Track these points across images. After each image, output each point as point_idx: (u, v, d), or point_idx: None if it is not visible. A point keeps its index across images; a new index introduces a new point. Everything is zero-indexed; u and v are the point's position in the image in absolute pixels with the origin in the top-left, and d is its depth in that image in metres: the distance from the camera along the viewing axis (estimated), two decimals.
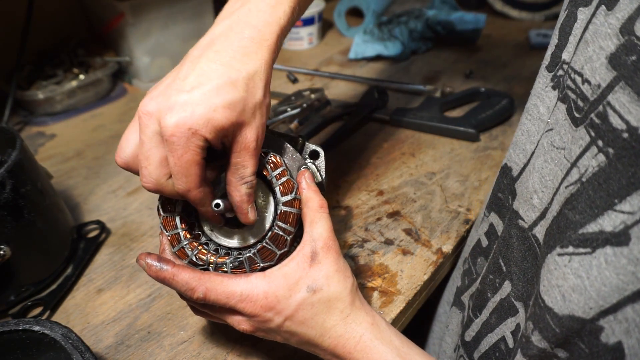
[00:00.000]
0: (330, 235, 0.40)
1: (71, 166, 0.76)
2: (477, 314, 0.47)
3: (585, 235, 0.30)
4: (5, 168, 0.49)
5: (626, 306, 0.28)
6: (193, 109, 0.34)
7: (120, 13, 0.89)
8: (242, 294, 0.37)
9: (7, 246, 0.49)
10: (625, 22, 0.29)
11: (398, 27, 1.05)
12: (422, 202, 0.64)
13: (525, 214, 0.40)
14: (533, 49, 1.03)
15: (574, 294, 0.31)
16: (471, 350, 0.47)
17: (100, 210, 0.66)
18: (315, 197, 0.40)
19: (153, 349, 0.48)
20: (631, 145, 0.27)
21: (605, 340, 0.29)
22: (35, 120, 0.87)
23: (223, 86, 0.35)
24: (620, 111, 0.28)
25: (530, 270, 0.39)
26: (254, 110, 0.37)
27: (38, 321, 0.42)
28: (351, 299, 0.39)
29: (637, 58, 0.27)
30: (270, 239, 0.40)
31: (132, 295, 0.54)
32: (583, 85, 0.32)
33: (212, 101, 0.34)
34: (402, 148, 0.74)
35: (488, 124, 0.77)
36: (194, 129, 0.34)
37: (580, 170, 0.32)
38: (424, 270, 0.54)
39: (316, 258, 0.39)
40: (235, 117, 0.35)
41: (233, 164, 0.38)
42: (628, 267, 0.28)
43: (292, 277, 0.38)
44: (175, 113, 0.34)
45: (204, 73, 0.35)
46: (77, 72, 0.89)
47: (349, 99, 0.87)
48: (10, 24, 0.86)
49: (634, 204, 0.27)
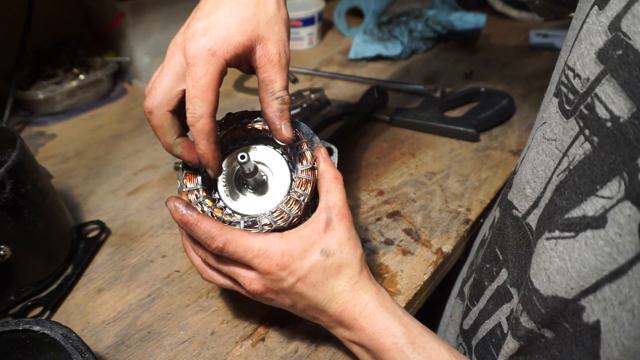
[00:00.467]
0: (344, 204, 0.41)
1: (71, 166, 0.76)
2: (474, 302, 0.48)
3: (570, 220, 0.32)
4: (5, 168, 0.49)
5: (604, 286, 0.30)
6: (211, 32, 0.37)
7: (120, 13, 0.89)
8: (260, 249, 0.38)
9: (7, 246, 0.49)
10: (614, 19, 0.31)
11: (398, 27, 1.05)
12: (422, 202, 0.64)
13: (519, 203, 0.42)
14: (533, 49, 1.03)
15: (557, 275, 0.33)
16: (469, 337, 0.48)
17: (100, 210, 0.66)
18: (330, 169, 0.42)
19: (153, 349, 0.48)
20: (613, 134, 0.29)
21: (586, 319, 0.31)
22: (35, 120, 0.87)
23: (235, 7, 0.38)
24: (606, 102, 0.30)
25: (524, 257, 0.41)
26: (269, 24, 0.39)
27: (38, 321, 0.42)
28: (360, 268, 0.41)
29: (623, 52, 0.29)
30: (285, 202, 0.41)
31: (132, 295, 0.54)
32: (574, 79, 0.34)
33: (228, 22, 0.37)
34: (402, 148, 0.74)
35: (488, 124, 0.77)
36: (212, 50, 0.37)
37: (569, 158, 0.34)
38: (424, 270, 0.54)
39: (330, 224, 0.40)
40: (251, 32, 0.38)
41: (261, 80, 0.40)
42: (605, 249, 0.29)
43: (308, 240, 0.39)
44: (196, 39, 0.37)
45: (220, 3, 0.39)
46: (77, 72, 0.89)
47: (349, 99, 0.87)
48: (10, 24, 0.86)
49: (612, 189, 0.29)
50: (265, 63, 0.39)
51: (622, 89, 0.29)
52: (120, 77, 0.99)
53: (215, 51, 0.37)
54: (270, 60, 0.39)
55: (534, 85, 0.89)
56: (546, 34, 1.05)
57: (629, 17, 0.29)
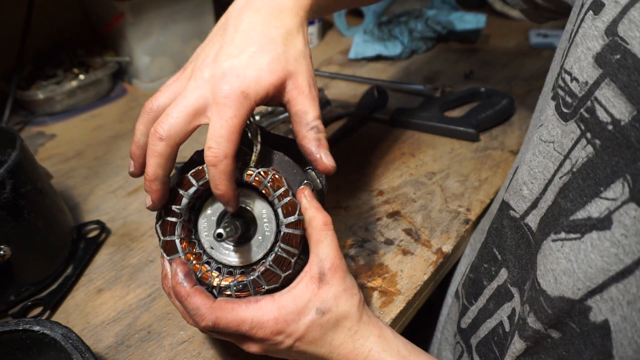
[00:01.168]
0: (337, 254, 0.39)
1: (71, 166, 0.76)
2: (472, 301, 0.48)
3: (576, 222, 0.33)
4: (5, 168, 0.49)
5: (611, 286, 0.30)
6: (245, 73, 0.36)
7: (120, 13, 0.89)
8: (253, 321, 0.37)
9: (7, 246, 0.49)
10: (610, 24, 0.31)
11: (398, 27, 1.05)
12: (422, 202, 0.64)
13: (516, 204, 0.42)
14: (533, 49, 1.03)
15: (564, 276, 0.33)
16: (467, 336, 0.48)
17: (100, 210, 0.66)
18: (318, 215, 0.39)
19: (153, 349, 0.48)
20: (615, 137, 0.30)
21: (593, 319, 0.32)
22: (35, 120, 0.87)
23: (265, 45, 0.37)
24: (606, 105, 0.31)
25: (524, 257, 0.41)
26: (297, 59, 0.39)
27: (38, 321, 0.42)
28: (358, 316, 0.40)
29: (621, 56, 0.30)
30: (273, 261, 0.39)
31: (132, 295, 0.54)
32: (571, 83, 0.35)
33: (259, 61, 0.37)
34: (402, 148, 0.74)
35: (488, 124, 0.77)
36: (245, 93, 0.36)
37: (572, 161, 0.34)
38: (424, 270, 0.54)
39: (324, 279, 0.38)
40: (281, 71, 0.37)
41: (294, 113, 0.39)
42: (611, 249, 0.30)
43: (301, 299, 0.38)
44: (228, 80, 0.36)
45: (247, 35, 0.38)
46: (77, 72, 0.89)
47: (349, 99, 0.87)
48: (10, 24, 0.86)
49: (616, 191, 0.30)
50: (297, 95, 0.39)
51: (622, 92, 0.30)
52: (120, 77, 0.99)
53: (248, 94, 0.36)
54: (302, 92, 0.39)
55: (534, 85, 0.89)
56: (546, 34, 1.05)
57: (625, 22, 0.30)
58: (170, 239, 0.40)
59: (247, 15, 0.39)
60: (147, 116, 0.39)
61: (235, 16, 0.39)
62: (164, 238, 0.40)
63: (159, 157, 0.37)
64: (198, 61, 0.39)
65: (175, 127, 0.36)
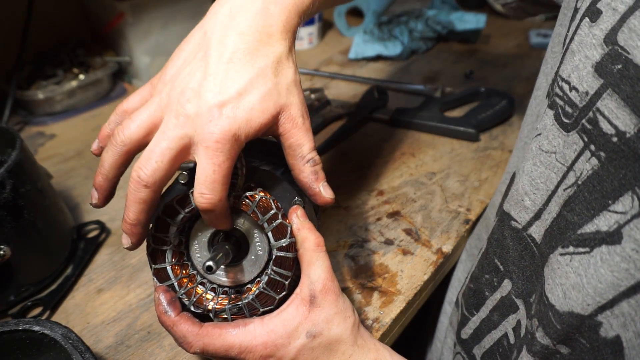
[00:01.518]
0: (329, 276, 0.38)
1: (71, 166, 0.76)
2: (473, 312, 0.47)
3: (584, 236, 0.32)
4: (5, 168, 0.49)
5: (622, 301, 0.29)
6: (235, 114, 0.33)
7: (120, 13, 0.89)
8: (241, 347, 0.37)
9: (7, 246, 0.49)
10: (609, 32, 0.30)
11: (398, 27, 1.05)
12: (422, 202, 0.64)
13: (517, 215, 0.41)
14: (533, 49, 1.03)
15: (573, 291, 0.32)
16: (469, 347, 0.48)
17: (100, 210, 0.66)
18: (310, 236, 0.38)
19: (153, 349, 0.48)
20: (620, 149, 0.29)
21: (604, 334, 0.31)
22: (35, 120, 0.87)
23: (255, 79, 0.35)
24: (609, 117, 0.30)
25: (528, 268, 0.40)
26: (289, 90, 0.36)
27: (38, 321, 0.42)
28: (353, 339, 0.38)
29: (623, 66, 0.29)
30: (267, 284, 0.39)
31: (132, 295, 0.54)
32: (571, 92, 0.34)
33: (249, 100, 0.34)
34: (402, 148, 0.74)
35: (488, 124, 0.77)
36: (237, 135, 0.33)
37: (576, 173, 0.33)
38: (424, 270, 0.54)
39: (315, 301, 0.37)
40: (272, 107, 0.35)
41: (288, 146, 0.37)
42: (621, 265, 0.29)
43: (291, 323, 0.37)
44: (217, 121, 0.33)
45: (234, 66, 0.34)
46: (77, 72, 0.89)
47: (349, 99, 0.87)
48: (10, 24, 0.86)
49: (625, 204, 0.29)
50: (291, 128, 0.36)
51: (626, 103, 0.29)
52: (120, 76, 0.99)
53: (239, 136, 0.33)
54: (295, 124, 0.36)
55: (534, 85, 0.88)
56: (546, 34, 1.05)
57: (625, 31, 0.29)
58: (162, 267, 0.40)
59: (231, 40, 0.35)
60: (116, 148, 0.36)
61: (218, 39, 0.35)
62: (155, 266, 0.40)
63: (142, 203, 0.35)
64: (175, 88, 0.35)
65: (159, 171, 0.34)
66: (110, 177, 0.37)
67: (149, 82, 0.40)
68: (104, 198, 0.39)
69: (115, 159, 0.36)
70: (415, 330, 0.64)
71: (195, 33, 0.37)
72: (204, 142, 0.33)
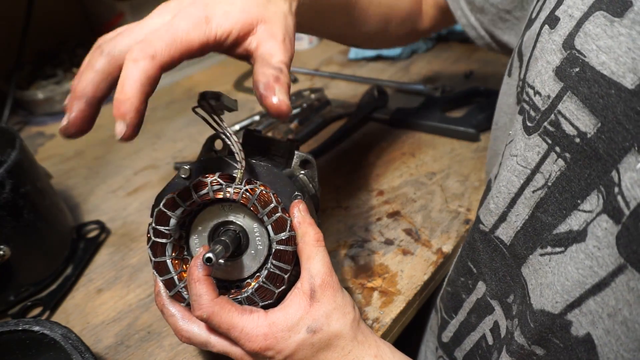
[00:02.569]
0: (328, 270, 0.38)
1: (71, 166, 0.76)
2: (452, 315, 0.48)
3: (559, 236, 0.33)
4: (5, 168, 0.49)
5: (588, 299, 0.30)
6: (214, 3, 0.33)
7: (120, 13, 0.89)
8: (243, 331, 0.37)
9: (6, 246, 0.49)
10: (567, 38, 0.32)
11: None
12: (422, 202, 0.64)
13: (484, 218, 0.41)
14: None
15: (546, 289, 0.33)
16: (451, 350, 0.48)
17: (100, 210, 0.66)
18: (310, 231, 0.38)
19: (153, 349, 0.48)
20: (583, 149, 0.30)
21: (575, 333, 0.31)
22: (35, 120, 0.87)
23: None
24: (570, 118, 0.31)
25: (500, 270, 0.40)
26: (276, 13, 0.35)
27: (38, 321, 0.42)
28: (352, 335, 0.39)
29: (580, 69, 0.30)
30: (267, 278, 0.39)
31: (132, 295, 0.54)
32: (535, 97, 0.35)
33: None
34: (402, 148, 0.74)
35: (488, 124, 0.76)
36: (208, 18, 0.32)
37: (545, 175, 0.34)
38: (424, 270, 0.54)
39: (315, 296, 0.38)
40: (255, 12, 0.33)
41: (258, 56, 0.33)
42: (585, 262, 0.30)
43: (293, 317, 0.37)
44: (197, 4, 0.33)
45: None
46: (76, 72, 0.89)
47: (349, 99, 0.87)
48: (10, 24, 0.86)
49: (592, 203, 0.30)
50: (267, 38, 0.33)
51: (584, 105, 0.30)
52: None
53: (210, 19, 0.32)
54: (274, 36, 0.33)
55: None
56: None
57: (581, 36, 0.31)
58: (162, 260, 0.40)
59: None
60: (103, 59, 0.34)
61: None
62: (155, 259, 0.40)
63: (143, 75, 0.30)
64: None
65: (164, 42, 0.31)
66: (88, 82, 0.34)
67: None
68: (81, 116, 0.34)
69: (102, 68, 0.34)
70: (415, 330, 0.64)
71: None
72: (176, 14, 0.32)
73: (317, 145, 0.74)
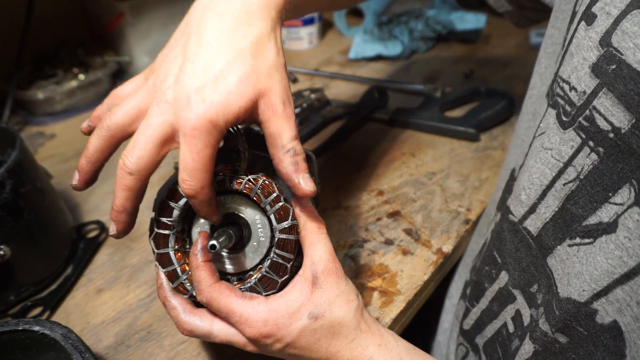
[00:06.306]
0: (330, 257, 0.38)
1: (71, 166, 0.76)
2: (474, 303, 0.49)
3: (589, 227, 0.34)
4: (5, 168, 0.49)
5: (616, 288, 0.31)
6: (211, 98, 0.32)
7: (120, 13, 0.89)
8: (242, 316, 0.37)
9: (7, 246, 0.49)
10: (604, 35, 0.32)
11: (398, 27, 1.05)
12: (422, 202, 0.64)
13: (515, 209, 0.42)
14: (533, 49, 1.03)
15: (574, 279, 0.34)
16: (471, 336, 0.49)
17: (100, 210, 0.66)
18: (312, 220, 0.38)
19: (153, 349, 0.48)
20: (617, 144, 0.31)
21: (600, 321, 0.33)
22: (35, 120, 0.87)
23: (232, 61, 0.33)
24: (605, 114, 0.32)
25: (524, 260, 0.41)
26: (269, 74, 0.35)
27: (38, 321, 0.42)
28: (356, 323, 0.38)
29: (617, 67, 0.31)
30: (270, 267, 0.39)
31: (132, 295, 0.54)
32: (570, 92, 0.35)
33: (226, 83, 0.33)
34: (402, 148, 0.74)
35: (488, 124, 0.77)
36: (214, 122, 0.33)
37: (577, 168, 0.35)
38: (424, 270, 0.54)
39: (317, 282, 0.37)
40: (251, 91, 0.34)
41: (268, 135, 0.35)
42: (615, 252, 0.31)
43: (294, 304, 0.37)
44: (193, 106, 0.32)
45: (212, 48, 0.34)
46: (76, 72, 0.89)
47: (349, 99, 0.87)
48: (10, 24, 0.86)
49: (624, 196, 0.31)
50: (271, 116, 0.35)
51: (620, 101, 0.31)
52: (120, 77, 0.99)
53: (216, 122, 0.33)
54: (275, 111, 0.35)
55: None
56: None
57: (618, 34, 0.31)
58: (164, 252, 0.40)
59: (210, 22, 0.34)
60: (103, 132, 0.37)
61: (197, 22, 0.35)
62: (158, 251, 0.40)
63: (128, 190, 0.35)
64: (159, 76, 0.35)
65: (143, 159, 0.34)
66: (93, 161, 0.38)
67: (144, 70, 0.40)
68: (85, 181, 0.39)
69: (100, 142, 0.37)
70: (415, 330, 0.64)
71: (182, 22, 0.37)
72: (182, 129, 0.33)
73: (317, 145, 0.74)
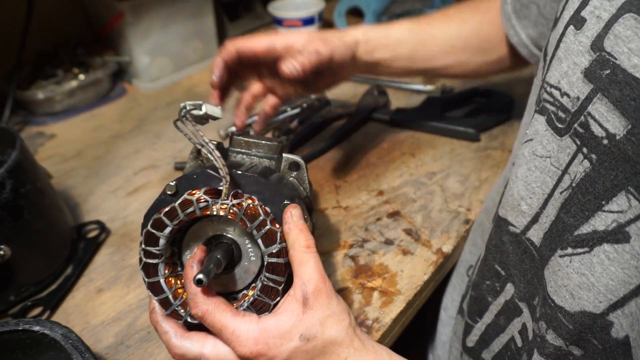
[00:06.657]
0: (320, 277, 0.38)
1: (71, 166, 0.76)
2: (476, 319, 0.47)
3: (581, 236, 0.33)
4: (5, 168, 0.49)
5: (631, 300, 0.30)
6: None
7: (120, 13, 0.89)
8: (234, 333, 0.37)
9: (7, 246, 0.49)
10: (595, 39, 0.31)
11: None
12: (422, 202, 0.64)
13: (515, 220, 0.41)
14: None
15: (581, 291, 0.33)
16: (477, 353, 0.48)
17: (100, 210, 0.66)
18: (300, 237, 0.38)
19: (153, 349, 0.48)
20: (611, 151, 0.30)
21: (615, 335, 0.32)
22: (35, 120, 0.87)
23: None
24: (600, 120, 0.31)
25: (529, 272, 0.40)
26: None
27: (38, 321, 0.42)
28: (349, 341, 0.38)
29: (611, 72, 0.30)
30: (261, 291, 0.38)
31: (132, 295, 0.54)
32: (562, 98, 0.35)
33: None
34: (402, 148, 0.74)
35: (488, 124, 0.77)
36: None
37: (571, 176, 0.34)
38: (424, 270, 0.54)
39: (307, 303, 0.37)
40: None
41: None
42: (631, 262, 0.30)
43: (285, 324, 0.37)
44: None
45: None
46: (77, 72, 0.89)
47: (349, 99, 0.87)
48: (10, 24, 0.86)
49: (621, 204, 0.30)
50: None
51: (615, 107, 0.30)
52: (120, 77, 0.99)
53: None
54: None
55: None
56: None
57: (611, 38, 0.30)
58: (155, 280, 0.40)
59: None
60: None
61: None
62: (148, 280, 0.40)
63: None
64: None
65: None
66: None
67: None
68: None
69: None
70: (415, 330, 0.64)
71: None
72: None
73: (317, 146, 0.74)
